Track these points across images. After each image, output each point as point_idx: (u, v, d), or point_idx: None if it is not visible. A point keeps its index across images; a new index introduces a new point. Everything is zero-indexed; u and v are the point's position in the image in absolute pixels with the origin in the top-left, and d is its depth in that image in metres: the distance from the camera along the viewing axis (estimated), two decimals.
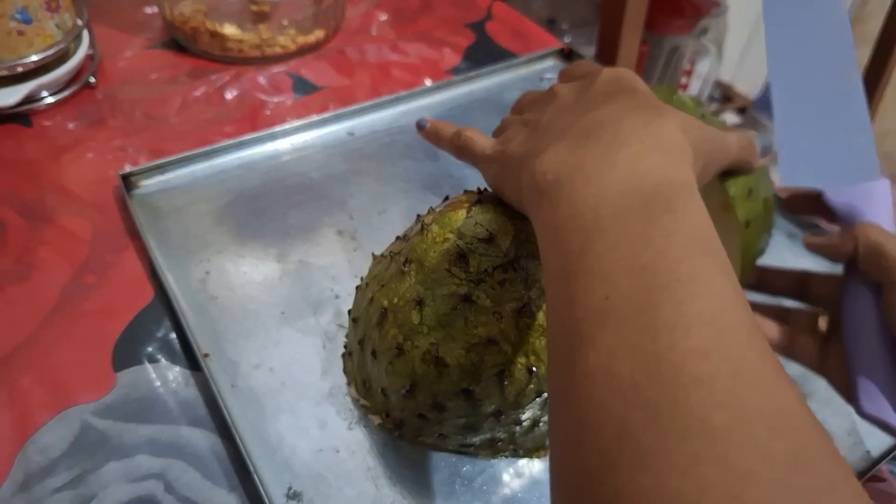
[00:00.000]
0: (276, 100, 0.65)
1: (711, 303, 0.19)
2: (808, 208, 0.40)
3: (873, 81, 1.24)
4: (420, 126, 0.38)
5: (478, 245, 0.34)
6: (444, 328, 0.34)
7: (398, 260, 0.36)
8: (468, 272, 0.33)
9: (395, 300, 0.35)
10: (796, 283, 0.41)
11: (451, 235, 0.34)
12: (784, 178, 0.42)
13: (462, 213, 0.35)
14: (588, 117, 0.26)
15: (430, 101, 0.66)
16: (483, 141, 0.34)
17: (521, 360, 0.34)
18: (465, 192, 0.37)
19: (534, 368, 0.34)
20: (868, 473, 0.41)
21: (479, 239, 0.34)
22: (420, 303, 0.34)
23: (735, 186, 0.39)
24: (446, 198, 0.38)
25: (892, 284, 0.34)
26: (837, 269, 0.38)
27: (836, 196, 0.39)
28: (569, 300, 0.21)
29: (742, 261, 0.41)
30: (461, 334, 0.34)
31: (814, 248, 0.38)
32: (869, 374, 0.37)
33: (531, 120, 0.31)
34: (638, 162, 0.23)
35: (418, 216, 0.39)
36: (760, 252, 0.44)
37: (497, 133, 0.36)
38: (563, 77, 0.35)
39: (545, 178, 0.25)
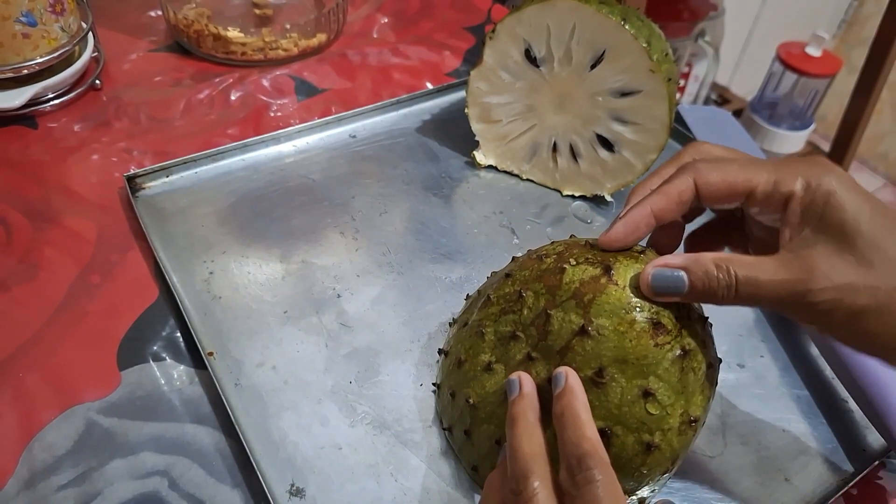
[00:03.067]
0: (279, 102, 0.65)
1: None
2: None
3: (869, 83, 1.25)
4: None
5: (657, 306, 0.33)
6: (685, 393, 0.34)
7: (589, 370, 0.33)
8: (670, 332, 0.33)
9: (625, 409, 0.33)
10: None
11: (630, 315, 0.33)
12: None
13: (617, 291, 0.34)
14: None
15: (430, 104, 0.66)
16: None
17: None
18: (567, 266, 0.35)
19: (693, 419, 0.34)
20: (862, 472, 0.42)
21: (651, 300, 0.33)
22: (649, 393, 0.33)
23: (656, 52, 0.48)
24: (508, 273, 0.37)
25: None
26: None
27: None
28: None
29: (668, 110, 0.50)
30: (696, 386, 0.34)
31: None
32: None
33: None
34: None
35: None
36: (677, 102, 0.55)
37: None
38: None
39: None
